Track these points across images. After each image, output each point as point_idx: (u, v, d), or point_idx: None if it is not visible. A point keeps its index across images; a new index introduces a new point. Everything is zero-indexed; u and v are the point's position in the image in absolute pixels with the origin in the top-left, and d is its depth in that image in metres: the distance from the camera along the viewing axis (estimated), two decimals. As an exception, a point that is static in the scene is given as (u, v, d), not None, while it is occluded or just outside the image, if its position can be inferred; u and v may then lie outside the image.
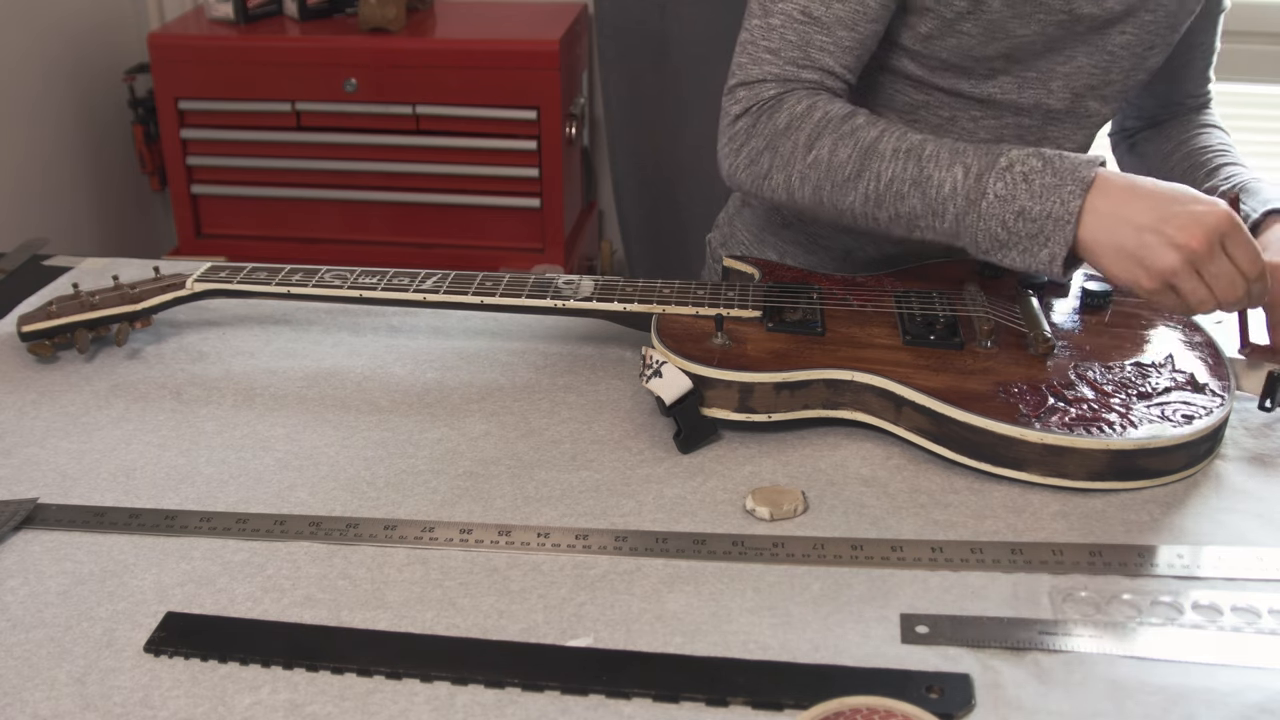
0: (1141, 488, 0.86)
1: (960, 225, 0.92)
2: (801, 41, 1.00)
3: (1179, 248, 0.84)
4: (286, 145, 2.31)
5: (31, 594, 0.77)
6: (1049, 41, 1.03)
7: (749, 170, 1.02)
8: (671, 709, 0.67)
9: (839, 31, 1.00)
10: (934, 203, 0.93)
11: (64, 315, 1.04)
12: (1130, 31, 1.04)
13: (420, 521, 0.84)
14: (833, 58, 1.01)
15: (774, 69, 1.01)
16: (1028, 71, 1.05)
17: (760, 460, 0.90)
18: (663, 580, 0.78)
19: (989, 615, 0.74)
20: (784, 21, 1.00)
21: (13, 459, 0.92)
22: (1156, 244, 0.85)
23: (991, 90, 1.07)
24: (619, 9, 2.29)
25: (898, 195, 0.94)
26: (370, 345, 1.09)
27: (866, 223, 0.98)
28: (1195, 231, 0.84)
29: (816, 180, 0.98)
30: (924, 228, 0.95)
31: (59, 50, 2.34)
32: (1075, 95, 1.07)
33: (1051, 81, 1.06)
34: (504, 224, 2.34)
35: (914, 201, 0.94)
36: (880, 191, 0.95)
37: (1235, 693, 0.67)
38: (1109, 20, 1.02)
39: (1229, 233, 0.84)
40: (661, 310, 0.99)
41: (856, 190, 0.96)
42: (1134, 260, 0.86)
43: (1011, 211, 0.89)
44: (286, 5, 2.36)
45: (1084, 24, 1.02)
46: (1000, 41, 1.02)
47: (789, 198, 1.01)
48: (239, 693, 0.69)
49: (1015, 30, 1.01)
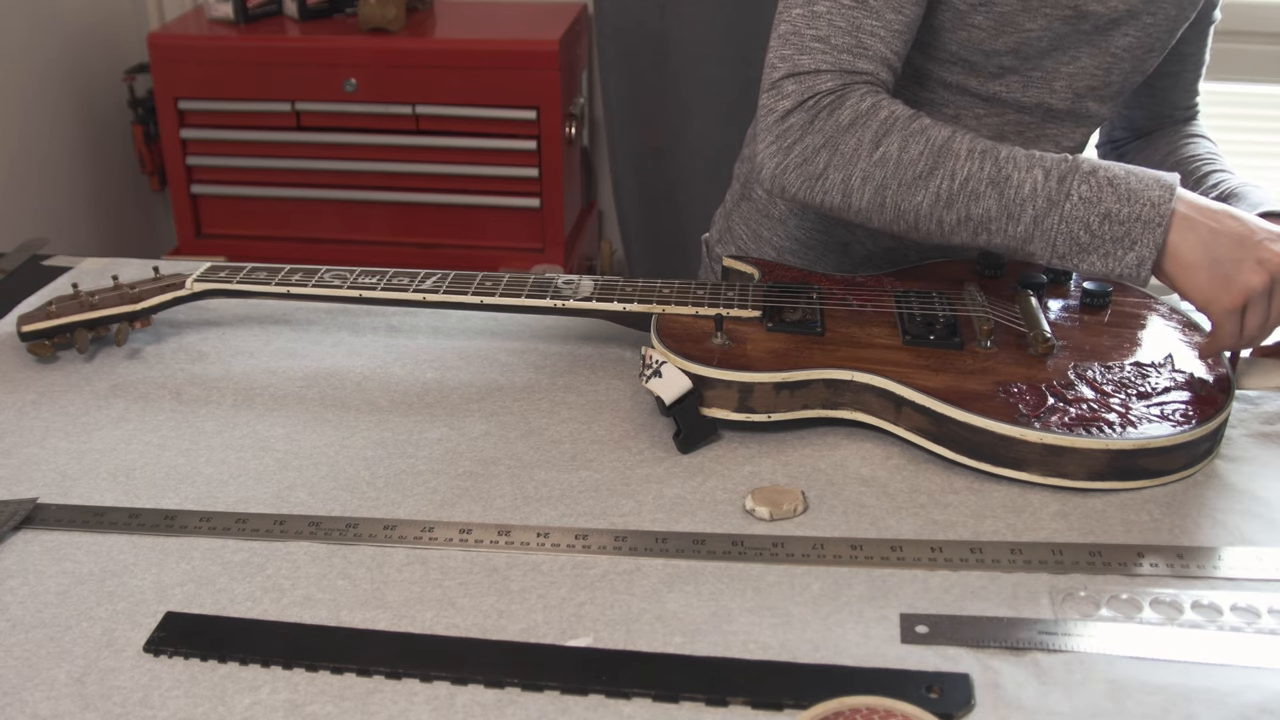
0: (1141, 488, 0.86)
1: (1037, 228, 0.90)
2: (852, 27, 0.96)
3: (1266, 265, 0.85)
4: (286, 145, 2.31)
5: (31, 594, 0.77)
6: (1055, 39, 1.03)
7: (800, 170, 0.96)
8: (671, 709, 0.67)
9: (888, 15, 0.97)
10: (1011, 204, 0.91)
11: (64, 315, 1.04)
12: (1133, 33, 1.04)
13: (420, 521, 0.84)
14: (884, 44, 0.97)
15: (828, 59, 0.96)
16: (1033, 71, 1.06)
17: (760, 460, 0.90)
18: (663, 580, 0.78)
19: (989, 615, 0.74)
20: (831, 7, 0.96)
21: (13, 459, 0.92)
22: (1248, 260, 0.86)
23: (998, 89, 1.07)
24: (619, 9, 2.29)
25: (972, 195, 0.92)
26: (370, 345, 1.09)
27: (930, 225, 0.95)
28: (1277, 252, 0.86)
29: (882, 179, 0.94)
30: (995, 230, 0.92)
31: (59, 50, 2.34)
32: (1077, 95, 1.08)
33: (1055, 81, 1.06)
34: (504, 224, 2.34)
35: (989, 202, 0.92)
36: (954, 191, 0.92)
37: (1235, 693, 0.67)
38: (1113, 20, 1.02)
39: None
40: (661, 310, 0.99)
41: (927, 189, 0.93)
42: (1221, 274, 0.87)
43: (1097, 214, 0.89)
44: (286, 5, 2.36)
45: (1089, 22, 1.02)
46: (1009, 36, 1.02)
47: (844, 200, 0.96)
48: (239, 693, 0.69)
49: (1024, 24, 1.01)
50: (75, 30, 2.39)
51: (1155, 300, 1.04)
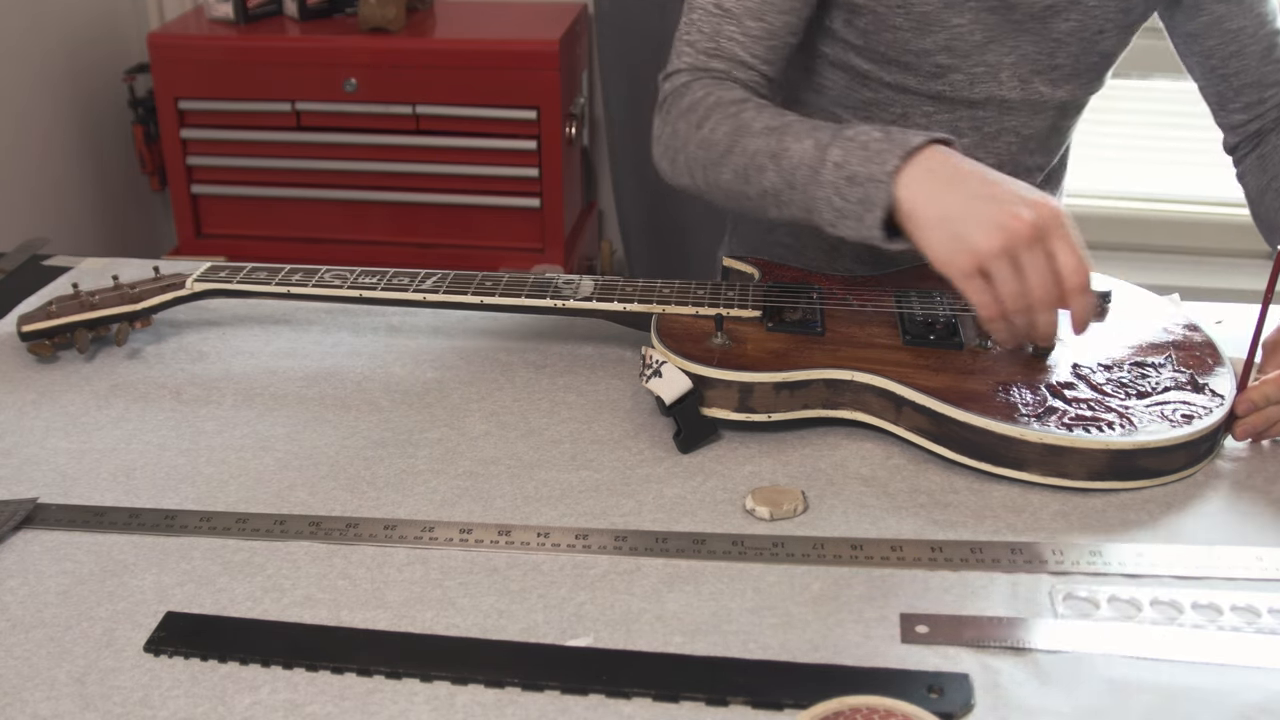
0: (1141, 488, 0.86)
1: (808, 197, 0.91)
2: (713, 32, 1.04)
3: (1002, 229, 0.81)
4: (286, 145, 2.31)
5: (31, 594, 0.77)
6: (987, 31, 1.03)
7: (664, 159, 1.06)
8: (671, 709, 0.67)
9: (747, 22, 1.03)
10: (787, 174, 0.92)
11: (64, 315, 1.04)
12: (1074, 18, 1.04)
13: (420, 521, 0.84)
14: (741, 47, 1.03)
15: (689, 59, 1.05)
16: (976, 67, 1.06)
17: (760, 460, 0.90)
18: (663, 580, 0.78)
19: (989, 615, 0.74)
20: (701, 15, 1.04)
21: (13, 459, 0.92)
22: (980, 220, 0.81)
23: (940, 88, 1.07)
24: (619, 9, 2.29)
25: (759, 169, 0.94)
26: (370, 345, 1.09)
27: (742, 201, 0.98)
28: (1022, 217, 0.80)
29: (703, 160, 0.99)
30: (785, 202, 0.93)
31: (59, 50, 2.34)
32: (1023, 81, 1.07)
33: (1000, 73, 1.07)
34: (504, 224, 2.34)
35: (771, 175, 0.93)
36: (746, 166, 0.95)
37: (1235, 693, 0.67)
38: (1049, 7, 1.02)
39: (1055, 231, 0.81)
40: (661, 310, 0.99)
41: (728, 166, 0.97)
42: (954, 235, 0.83)
43: (844, 177, 0.88)
44: (286, 5, 2.36)
45: (1020, 11, 1.02)
46: (936, 34, 1.02)
47: (691, 182, 1.03)
48: (239, 692, 0.69)
49: (949, 20, 1.01)
50: (75, 30, 2.39)
51: (1155, 300, 1.04)
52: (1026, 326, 0.85)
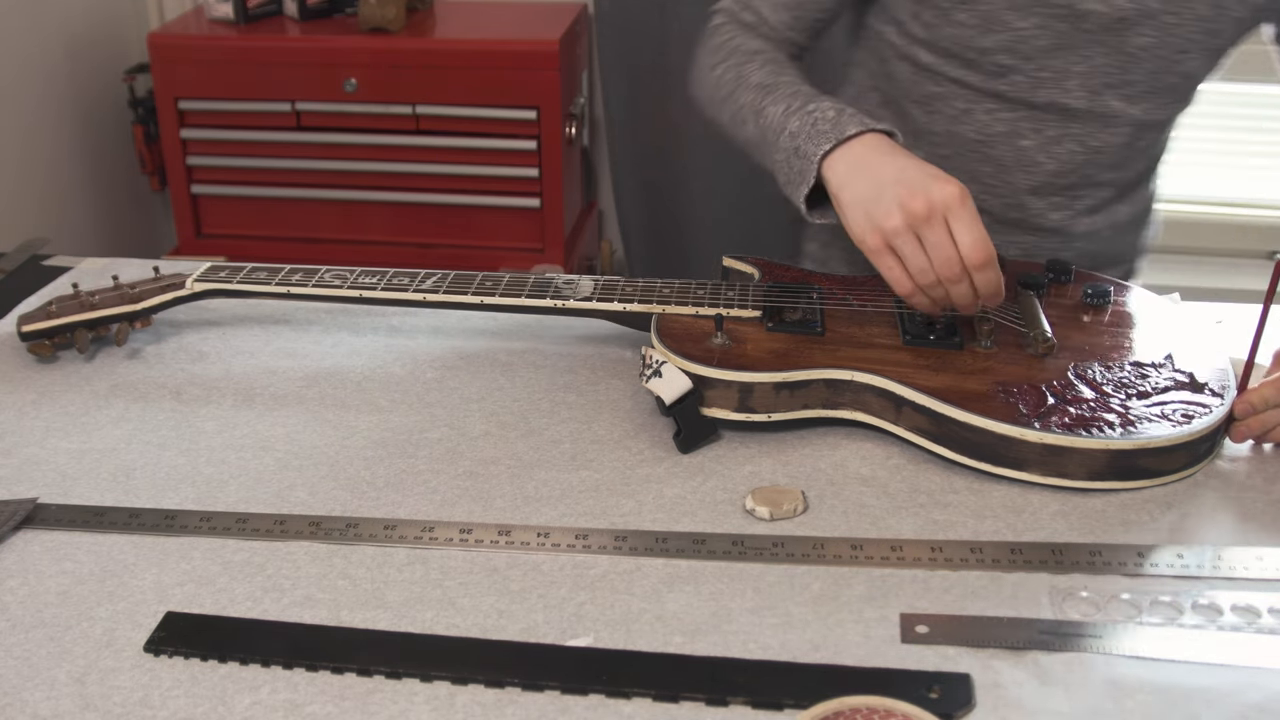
0: (1141, 488, 0.86)
1: (770, 159, 1.00)
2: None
3: (903, 208, 0.87)
4: (286, 145, 2.31)
5: (31, 594, 0.77)
6: (1056, 38, 1.03)
7: (694, 88, 1.16)
8: (671, 709, 0.67)
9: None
10: (760, 132, 1.02)
11: (64, 315, 1.04)
12: (1150, 34, 1.03)
13: (420, 521, 0.84)
14: (769, 9, 1.13)
15: (726, 4, 1.16)
16: (1040, 71, 1.05)
17: (760, 460, 0.90)
18: (663, 580, 0.78)
19: (989, 615, 0.74)
20: None
21: (13, 459, 0.92)
22: (886, 201, 0.88)
23: (1001, 87, 1.07)
24: (619, 9, 2.29)
25: (743, 122, 1.05)
26: (370, 345, 1.09)
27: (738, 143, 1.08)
28: (920, 196, 0.87)
29: (713, 98, 1.11)
30: (762, 156, 1.03)
31: (59, 50, 2.34)
32: (1092, 93, 1.07)
33: (1067, 81, 1.06)
34: (504, 224, 2.34)
35: (751, 129, 1.04)
36: (735, 115, 1.06)
37: (1235, 693, 0.67)
38: (1121, 20, 1.01)
39: (954, 209, 0.87)
40: (661, 310, 0.99)
41: (725, 110, 1.08)
42: (865, 213, 0.90)
43: (792, 149, 0.97)
44: (286, 5, 2.36)
45: (1091, 21, 1.02)
46: (999, 34, 1.02)
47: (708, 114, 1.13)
48: (239, 693, 0.69)
49: (1013, 22, 1.01)
50: (75, 30, 2.39)
51: (1156, 299, 1.04)
52: (943, 298, 0.91)
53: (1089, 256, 1.20)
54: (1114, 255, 1.24)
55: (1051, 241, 1.19)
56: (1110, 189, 1.17)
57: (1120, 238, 1.22)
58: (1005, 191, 1.16)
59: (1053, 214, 1.16)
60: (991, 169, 1.15)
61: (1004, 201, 1.17)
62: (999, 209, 1.17)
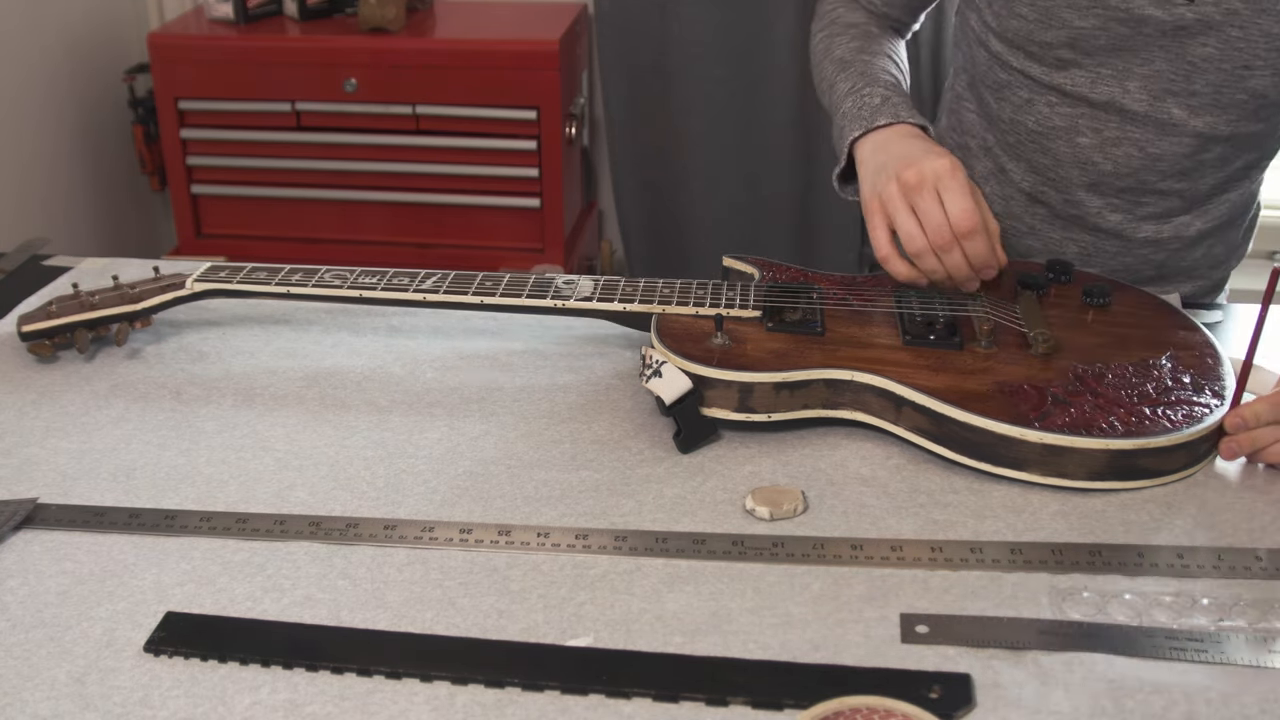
0: (1141, 488, 0.86)
1: (832, 130, 1.11)
2: None
3: (897, 178, 0.95)
4: (286, 145, 2.30)
5: (31, 594, 0.77)
6: (1117, 39, 1.03)
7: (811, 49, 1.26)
8: (671, 709, 0.67)
9: None
10: (831, 105, 1.13)
11: (64, 315, 1.04)
12: (1213, 45, 1.02)
13: (420, 521, 0.84)
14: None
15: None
16: (1101, 68, 1.06)
17: (760, 460, 0.90)
18: (663, 580, 0.78)
19: (989, 615, 0.74)
20: None
21: (13, 459, 0.92)
22: (887, 172, 0.97)
23: (1061, 80, 1.09)
24: (619, 9, 2.29)
25: (821, 92, 1.18)
26: (370, 345, 1.09)
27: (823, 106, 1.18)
28: (914, 167, 0.95)
29: (812, 63, 1.22)
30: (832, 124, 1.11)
31: (59, 50, 2.34)
32: (1153, 97, 1.06)
33: (1128, 81, 1.06)
34: (504, 224, 2.34)
35: (825, 100, 1.15)
36: (819, 83, 1.19)
37: (1235, 693, 0.67)
38: (1182, 28, 1.01)
39: (945, 180, 0.93)
40: (661, 310, 0.99)
41: (815, 75, 1.20)
42: (870, 184, 0.99)
43: (841, 127, 1.08)
44: (286, 5, 2.36)
45: (1151, 26, 1.02)
46: (1058, 29, 1.05)
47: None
48: (239, 693, 0.69)
49: (1071, 20, 1.04)
50: (75, 30, 2.39)
51: (1156, 299, 1.04)
52: (936, 269, 0.96)
53: (1154, 266, 1.19)
54: (1184, 269, 1.21)
55: (1111, 244, 1.18)
56: (1176, 199, 1.15)
57: (1190, 251, 1.20)
58: (1063, 186, 1.17)
59: (1111, 215, 1.16)
60: (1049, 161, 1.16)
61: (1062, 196, 1.17)
62: (1057, 203, 1.18)
